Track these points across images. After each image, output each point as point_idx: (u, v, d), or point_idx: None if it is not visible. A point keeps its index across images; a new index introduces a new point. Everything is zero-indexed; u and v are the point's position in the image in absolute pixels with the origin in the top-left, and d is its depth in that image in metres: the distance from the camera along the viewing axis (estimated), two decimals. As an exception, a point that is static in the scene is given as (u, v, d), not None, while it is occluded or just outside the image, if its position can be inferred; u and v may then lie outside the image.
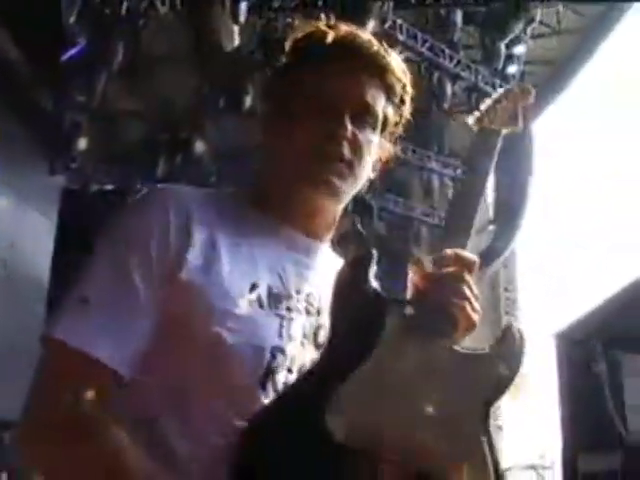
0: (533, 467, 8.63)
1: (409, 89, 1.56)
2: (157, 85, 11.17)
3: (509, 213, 14.43)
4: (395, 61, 1.52)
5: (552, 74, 14.33)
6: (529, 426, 14.35)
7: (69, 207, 13.47)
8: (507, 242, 14.82)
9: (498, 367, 1.33)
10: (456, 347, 1.36)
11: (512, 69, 11.45)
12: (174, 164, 11.55)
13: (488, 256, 15.12)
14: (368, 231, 13.14)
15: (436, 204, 13.89)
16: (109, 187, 12.95)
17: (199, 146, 10.85)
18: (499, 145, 1.52)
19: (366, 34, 1.48)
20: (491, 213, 15.46)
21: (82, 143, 10.32)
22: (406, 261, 15.82)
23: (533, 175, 14.14)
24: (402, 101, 1.56)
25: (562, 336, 2.50)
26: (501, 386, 1.33)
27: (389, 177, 12.78)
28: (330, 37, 1.42)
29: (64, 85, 9.78)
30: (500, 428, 11.27)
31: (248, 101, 9.70)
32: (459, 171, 12.56)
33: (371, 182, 1.60)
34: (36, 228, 13.11)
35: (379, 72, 1.48)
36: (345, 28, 1.45)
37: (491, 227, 15.28)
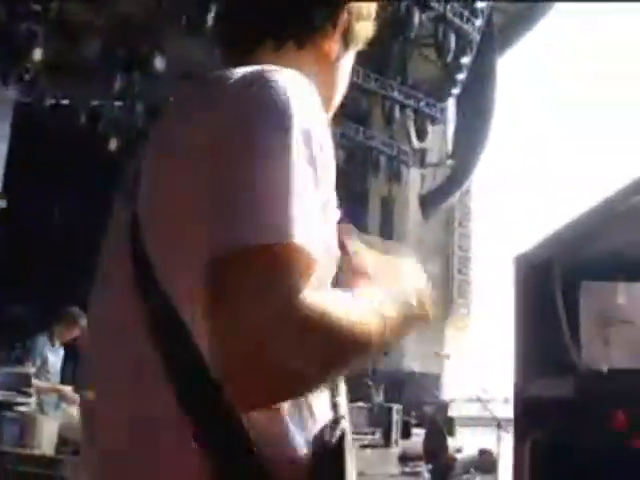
0: (478, 399, 8.80)
1: None
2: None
3: (468, 148, 14.48)
4: None
5: (519, 11, 14.23)
6: (473, 359, 14.63)
7: (21, 121, 13.18)
8: (464, 177, 14.90)
9: None
10: None
11: (481, 4, 11.33)
12: (132, 80, 11.27)
13: (444, 190, 15.23)
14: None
15: (396, 135, 13.81)
16: (63, 102, 12.67)
17: (158, 63, 10.55)
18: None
19: None
20: (450, 147, 15.52)
21: (37, 54, 9.96)
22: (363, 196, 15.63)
23: (494, 112, 14.19)
24: None
25: (520, 259, 2.46)
26: None
27: (350, 104, 12.67)
28: None
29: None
30: (447, 357, 11.46)
31: (210, 19, 9.43)
32: (422, 103, 12.44)
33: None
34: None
35: None
36: None
37: (449, 162, 15.35)
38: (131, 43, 10.96)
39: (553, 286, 2.38)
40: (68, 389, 6.45)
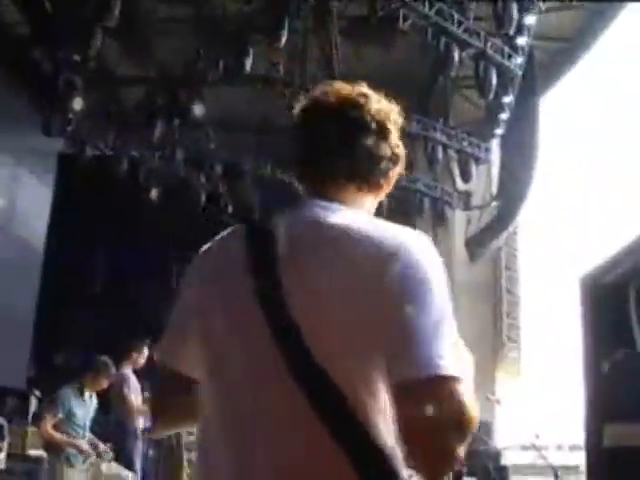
0: (533, 446, 8.43)
1: None
2: (155, 46, 10.88)
3: (513, 190, 14.24)
4: None
5: (562, 49, 14.03)
6: (525, 404, 14.16)
7: (65, 172, 13.26)
8: (510, 218, 14.61)
9: None
10: None
11: (522, 40, 11.14)
12: (172, 128, 11.26)
13: (490, 232, 14.92)
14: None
15: (439, 177, 13.59)
16: (105, 153, 12.72)
17: (197, 110, 10.51)
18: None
19: None
20: (494, 189, 15.27)
21: (77, 103, 10.00)
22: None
23: (539, 151, 13.97)
24: None
25: (588, 279, 2.20)
26: None
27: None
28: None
29: (59, 44, 9.50)
30: (498, 402, 11.05)
31: (249, 64, 9.39)
32: (465, 143, 12.23)
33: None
34: (32, 192, 12.92)
35: None
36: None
37: (494, 203, 15.08)
38: (170, 91, 10.96)
39: (628, 308, 2.09)
40: (85, 444, 6.04)
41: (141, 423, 7.36)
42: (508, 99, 11.65)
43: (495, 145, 14.01)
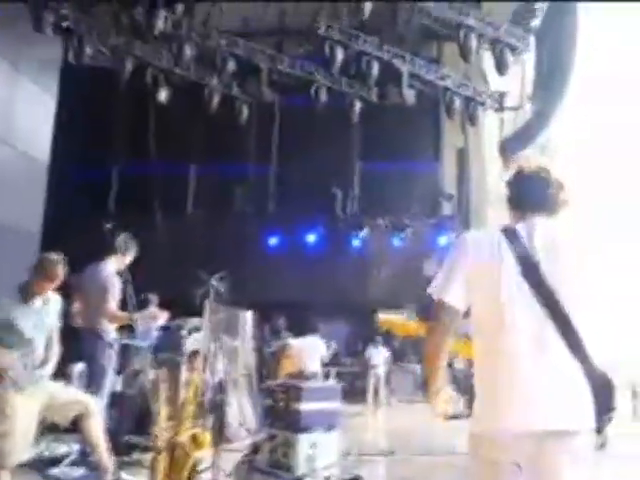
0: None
1: None
2: None
3: (550, 90, 13.36)
4: None
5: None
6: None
7: (69, 80, 12.38)
8: (547, 121, 13.70)
9: None
10: None
11: None
12: (177, 20, 10.29)
13: (525, 136, 13.98)
14: (396, 100, 11.90)
15: (472, 73, 12.47)
16: (106, 53, 11.80)
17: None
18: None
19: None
20: (529, 90, 14.38)
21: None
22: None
23: (576, 50, 13.01)
24: None
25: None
26: None
27: (418, 38, 11.43)
28: None
29: None
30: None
31: None
32: (502, 29, 11.00)
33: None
34: (34, 102, 12.07)
35: None
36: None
37: (529, 105, 14.21)
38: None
39: None
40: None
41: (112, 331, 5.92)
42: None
43: (531, 42, 12.99)
